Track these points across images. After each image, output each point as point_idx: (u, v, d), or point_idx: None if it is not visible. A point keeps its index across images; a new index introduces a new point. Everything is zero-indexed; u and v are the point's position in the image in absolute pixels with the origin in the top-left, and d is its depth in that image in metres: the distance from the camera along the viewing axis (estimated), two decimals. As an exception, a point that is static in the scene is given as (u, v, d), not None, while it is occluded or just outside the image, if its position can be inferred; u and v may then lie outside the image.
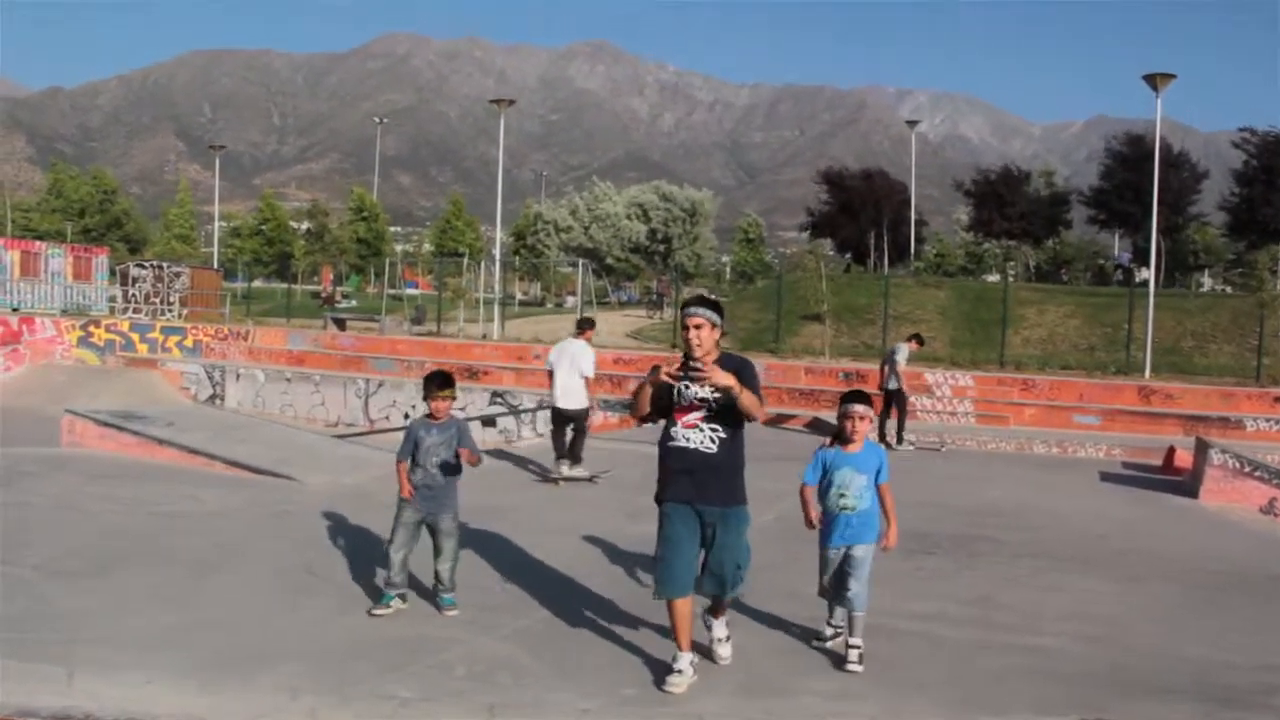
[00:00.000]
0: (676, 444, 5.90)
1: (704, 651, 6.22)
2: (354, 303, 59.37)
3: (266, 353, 31.07)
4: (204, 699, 5.35)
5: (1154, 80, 26.69)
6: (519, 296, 66.23)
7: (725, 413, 5.84)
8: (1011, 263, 52.63)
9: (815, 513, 6.51)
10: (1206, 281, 61.08)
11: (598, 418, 22.68)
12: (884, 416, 17.54)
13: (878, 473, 6.51)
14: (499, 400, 24.97)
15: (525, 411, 23.15)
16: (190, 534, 9.31)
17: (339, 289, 67.62)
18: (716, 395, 5.79)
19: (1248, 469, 13.30)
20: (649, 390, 5.90)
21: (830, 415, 21.60)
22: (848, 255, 61.21)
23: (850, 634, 6.43)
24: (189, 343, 31.90)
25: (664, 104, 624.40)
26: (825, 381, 24.27)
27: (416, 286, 67.48)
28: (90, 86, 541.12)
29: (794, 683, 6.12)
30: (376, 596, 7.30)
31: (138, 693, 5.39)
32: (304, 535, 9.32)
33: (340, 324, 38.25)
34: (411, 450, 7.27)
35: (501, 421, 23.98)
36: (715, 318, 5.94)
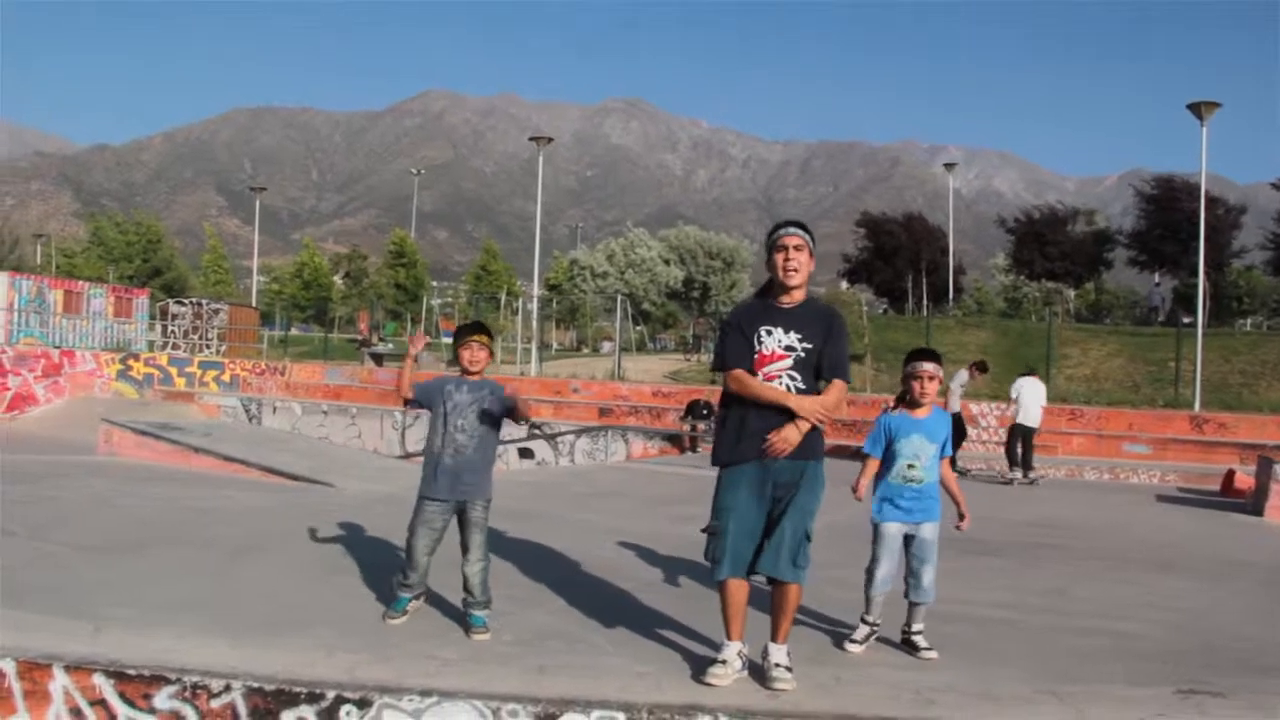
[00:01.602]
0: None
1: (759, 677, 5.07)
2: (390, 346, 59.46)
3: (303, 387, 30.96)
4: (236, 653, 5.03)
5: (1198, 109, 26.24)
6: (555, 345, 66.15)
7: (809, 366, 5.05)
8: (1052, 306, 52.03)
9: (864, 489, 5.92)
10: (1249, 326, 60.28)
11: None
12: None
13: (944, 444, 5.95)
14: (537, 431, 24.63)
15: (561, 434, 22.81)
16: (223, 525, 9.04)
17: (376, 333, 67.82)
18: (806, 345, 5.03)
19: (1317, 484, 12.79)
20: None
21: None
22: (884, 300, 60.80)
23: (912, 621, 5.90)
24: (226, 377, 31.87)
25: (697, 160, 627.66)
26: (869, 413, 23.79)
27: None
28: (136, 144, 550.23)
29: (863, 655, 5.76)
30: (391, 599, 6.13)
31: (166, 645, 5.08)
32: (340, 528, 9.03)
33: (378, 360, 38.24)
34: (433, 401, 5.94)
35: (540, 452, 23.65)
36: (812, 242, 5.18)
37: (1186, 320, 33.71)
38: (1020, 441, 16.78)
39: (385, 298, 77.86)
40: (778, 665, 5.00)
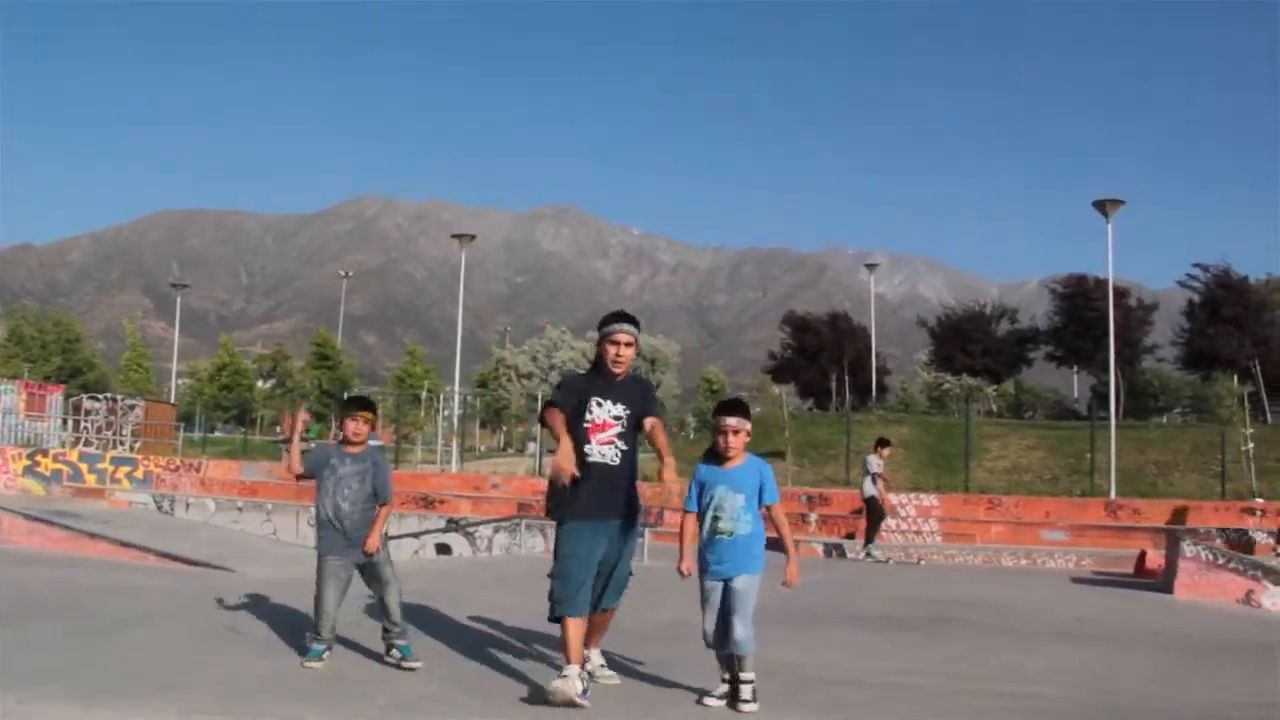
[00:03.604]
0: (592, 459, 5.87)
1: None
2: (313, 445, 58.50)
3: (219, 483, 30.17)
4: (86, 714, 4.75)
5: (1103, 206, 27.06)
6: (481, 448, 65.59)
7: (630, 429, 6.01)
8: (975, 402, 52.93)
9: (689, 562, 5.78)
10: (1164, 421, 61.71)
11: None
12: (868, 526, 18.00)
13: (760, 492, 5.68)
14: (454, 526, 24.21)
15: (475, 525, 22.43)
16: (109, 601, 8.65)
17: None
18: (629, 412, 5.99)
19: (1222, 561, 12.88)
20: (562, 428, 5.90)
21: (796, 536, 21.16)
22: (809, 401, 61.20)
23: (740, 669, 5.56)
24: (139, 474, 30.93)
25: (628, 266, 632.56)
26: (788, 505, 23.75)
27: (379, 439, 66.58)
28: (60, 243, 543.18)
29: (755, 713, 5.58)
30: (304, 651, 6.41)
31: (8, 709, 4.78)
32: (232, 607, 8.68)
33: (296, 456, 37.42)
34: (319, 473, 6.44)
35: (456, 547, 23.21)
36: (639, 332, 6.22)
37: (1102, 415, 34.29)
38: None
39: (309, 399, 76.92)
40: (602, 666, 6.23)
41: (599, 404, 5.98)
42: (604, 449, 5.91)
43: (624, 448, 5.98)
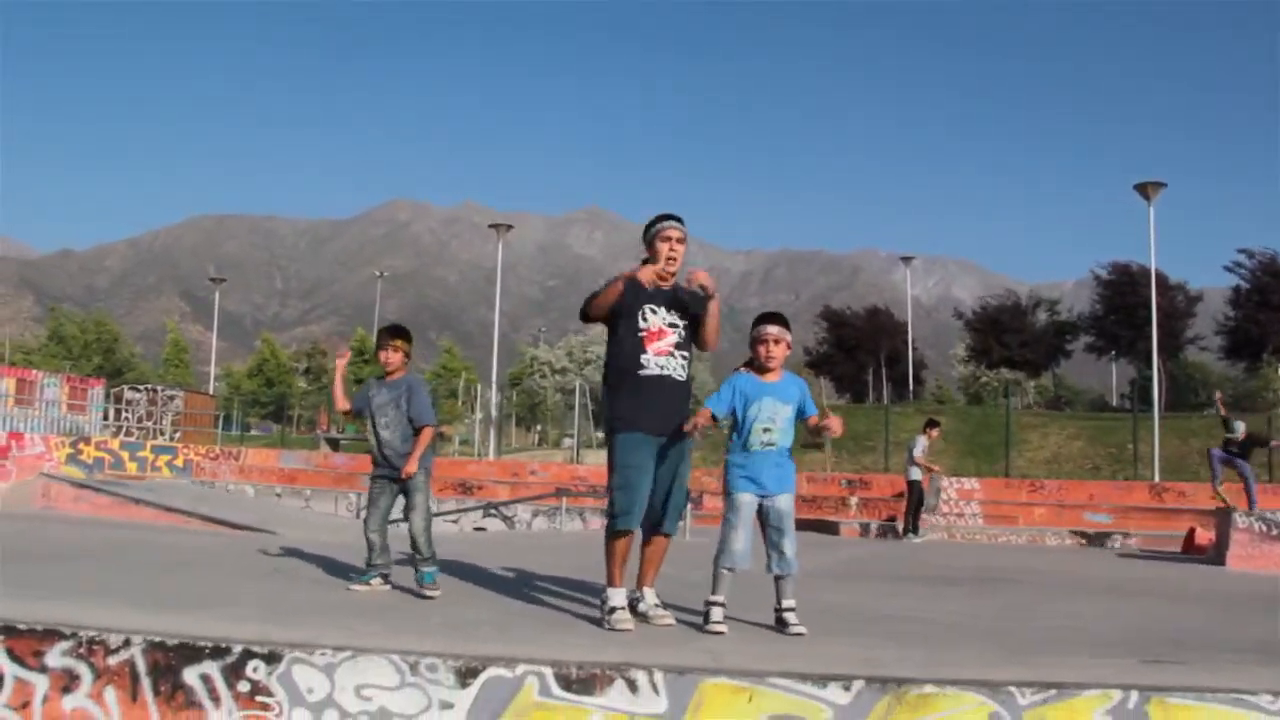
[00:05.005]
0: (650, 372, 5.53)
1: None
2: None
3: (258, 471, 30.38)
4: (143, 617, 4.70)
5: (1145, 189, 26.73)
6: (514, 445, 65.78)
7: (689, 340, 5.68)
8: (1011, 392, 52.39)
9: (703, 419, 5.50)
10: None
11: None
12: (907, 508, 17.70)
13: (801, 407, 5.66)
14: (493, 512, 24.25)
15: (513, 502, 22.47)
16: (157, 552, 8.67)
17: (336, 428, 67.13)
18: (685, 322, 5.62)
19: (1276, 532, 12.64)
20: (620, 286, 5.62)
21: (836, 518, 21.00)
22: (846, 395, 60.88)
23: (783, 597, 5.51)
24: (179, 462, 31.16)
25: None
26: (828, 490, 23.64)
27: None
28: (99, 249, 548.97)
29: (810, 636, 5.45)
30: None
31: (64, 613, 4.74)
32: (278, 557, 8.68)
33: (334, 445, 37.74)
34: (363, 407, 6.75)
35: (491, 528, 23.24)
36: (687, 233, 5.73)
37: (1144, 406, 33.90)
38: None
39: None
40: (656, 605, 5.59)
41: (653, 310, 5.58)
42: (661, 359, 5.53)
43: (683, 358, 5.62)
